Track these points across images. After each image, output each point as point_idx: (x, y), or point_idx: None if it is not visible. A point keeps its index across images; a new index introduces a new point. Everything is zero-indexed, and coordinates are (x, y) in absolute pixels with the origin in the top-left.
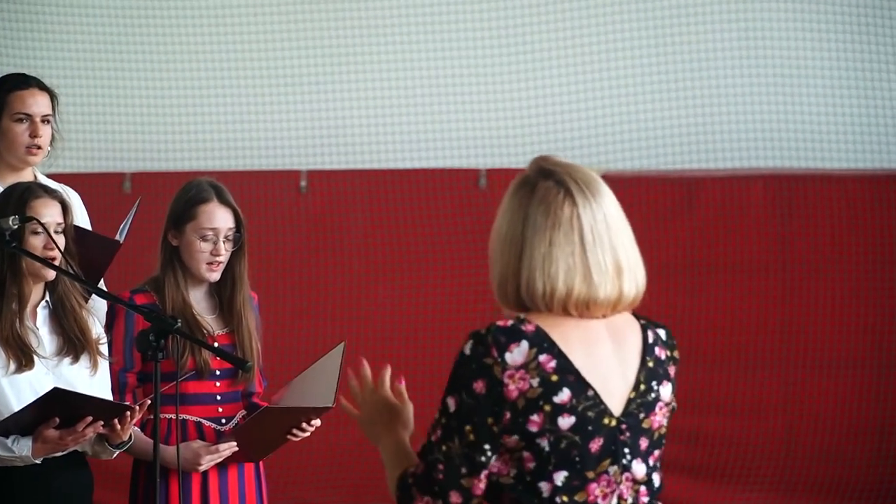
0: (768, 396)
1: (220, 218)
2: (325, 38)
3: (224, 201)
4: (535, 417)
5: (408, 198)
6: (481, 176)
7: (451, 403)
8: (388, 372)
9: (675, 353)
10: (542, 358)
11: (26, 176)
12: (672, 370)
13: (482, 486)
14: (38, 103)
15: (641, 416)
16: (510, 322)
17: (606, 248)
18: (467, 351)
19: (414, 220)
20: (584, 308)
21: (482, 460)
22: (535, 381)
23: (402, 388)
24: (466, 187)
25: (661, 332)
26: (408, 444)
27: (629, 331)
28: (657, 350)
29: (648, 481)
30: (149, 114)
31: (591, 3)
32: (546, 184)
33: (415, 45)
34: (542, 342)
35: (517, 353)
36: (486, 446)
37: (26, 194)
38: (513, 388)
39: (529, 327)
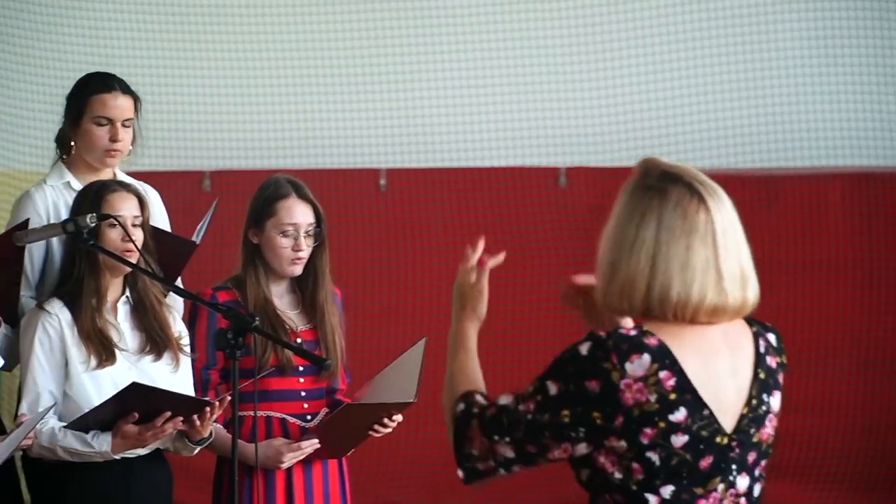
0: (848, 395)
1: (299, 213)
2: (405, 37)
3: (303, 197)
4: (648, 430)
5: (487, 196)
6: (561, 174)
7: (553, 388)
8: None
9: (784, 359)
10: (663, 374)
11: (105, 175)
12: (781, 377)
13: (557, 454)
14: (119, 107)
15: (752, 431)
16: (633, 332)
17: (734, 255)
18: (584, 351)
19: (493, 218)
20: (713, 315)
21: (570, 435)
22: (653, 398)
23: (483, 271)
24: (547, 186)
25: (772, 338)
26: (471, 341)
27: (743, 340)
28: (768, 359)
29: (749, 493)
30: (229, 112)
31: (666, 1)
32: (678, 188)
33: (494, 42)
34: (665, 358)
35: (638, 365)
36: (581, 429)
37: (102, 190)
38: (629, 396)
39: (653, 340)
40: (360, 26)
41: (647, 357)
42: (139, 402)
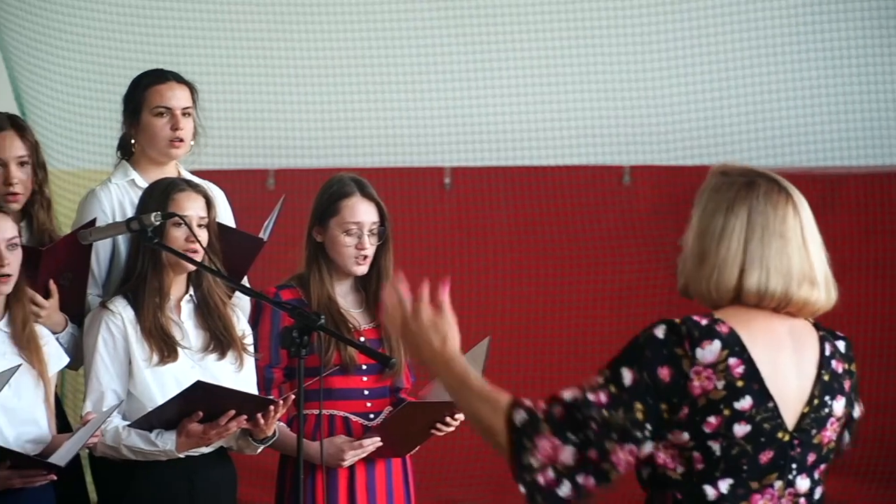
0: None
1: (363, 212)
2: (470, 35)
3: (367, 195)
4: (712, 419)
5: (551, 195)
6: (626, 173)
7: (628, 377)
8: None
9: (853, 367)
10: (732, 361)
11: (169, 171)
12: (848, 384)
13: (622, 457)
14: (176, 96)
15: (813, 431)
16: (705, 320)
17: (817, 252)
18: (660, 334)
19: (557, 216)
20: (802, 308)
21: (637, 436)
22: (721, 384)
23: (442, 300)
24: (610, 185)
25: (841, 345)
26: (470, 368)
27: (808, 339)
28: (834, 363)
29: (810, 494)
30: (293, 111)
31: (727, 1)
32: (764, 181)
33: (559, 41)
34: (735, 345)
35: (709, 352)
36: (648, 427)
37: (170, 188)
38: (697, 385)
39: (724, 328)
40: (426, 24)
41: (717, 343)
42: (203, 400)
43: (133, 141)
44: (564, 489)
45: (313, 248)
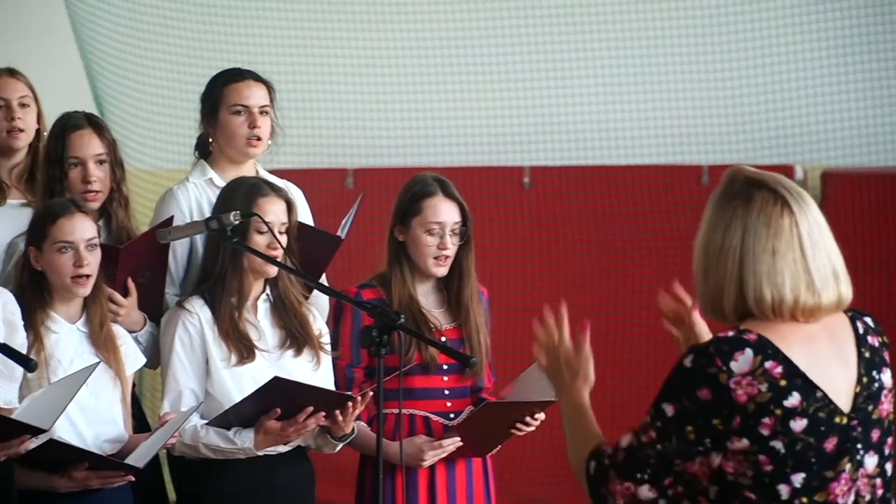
0: None
1: (445, 212)
2: (550, 35)
3: (449, 195)
4: (766, 420)
5: (629, 194)
6: (704, 172)
7: (669, 409)
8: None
9: (885, 338)
10: (768, 364)
11: (247, 170)
12: (886, 355)
13: (697, 468)
14: (254, 95)
15: (870, 408)
16: (731, 332)
17: (823, 254)
18: (688, 364)
19: (635, 216)
20: (810, 315)
21: (700, 450)
22: (764, 387)
23: (582, 340)
24: (689, 184)
25: (868, 320)
26: (588, 406)
27: (840, 324)
28: (870, 339)
29: (882, 472)
30: (372, 110)
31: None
32: (761, 194)
33: (637, 41)
34: (766, 349)
35: (742, 362)
36: (707, 440)
37: (253, 191)
38: (741, 393)
39: (751, 336)
40: (504, 24)
41: (749, 351)
42: (281, 397)
43: (211, 140)
44: None
45: (395, 247)
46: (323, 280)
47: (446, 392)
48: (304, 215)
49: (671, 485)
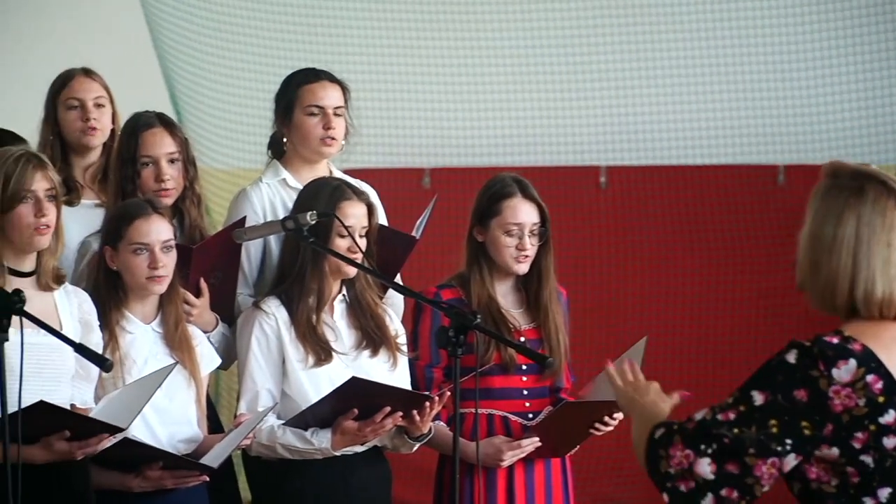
0: None
1: (524, 212)
2: (625, 34)
3: (529, 196)
4: (859, 435)
5: (706, 194)
6: (780, 172)
7: (760, 398)
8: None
9: None
10: (870, 378)
11: (321, 170)
12: None
13: (765, 470)
14: (329, 95)
15: None
16: (836, 339)
17: None
18: (791, 360)
19: (712, 216)
20: None
21: (777, 449)
22: (862, 402)
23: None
24: (765, 183)
25: None
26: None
27: None
28: None
29: None
30: (450, 109)
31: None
32: (872, 186)
33: (711, 40)
34: (870, 362)
35: (845, 371)
36: (788, 441)
37: (336, 193)
38: (837, 403)
39: (857, 346)
40: (583, 24)
41: (853, 362)
42: (358, 397)
43: (285, 140)
44: (707, 501)
45: (474, 247)
46: (398, 280)
47: (525, 392)
48: (379, 215)
49: (732, 478)
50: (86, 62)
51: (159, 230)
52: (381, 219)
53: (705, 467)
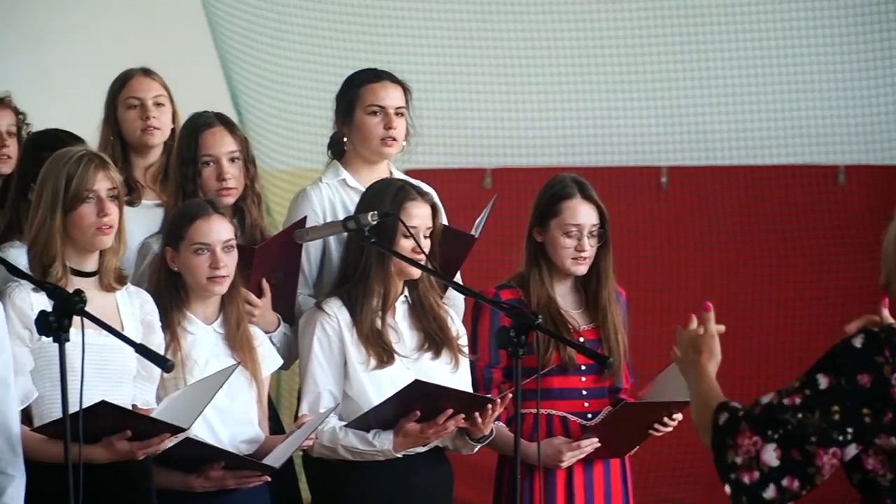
0: None
1: (583, 214)
2: (686, 35)
3: (588, 197)
4: None
5: (766, 194)
6: (841, 172)
7: (824, 382)
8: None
9: None
10: None
11: (381, 171)
12: None
13: (826, 460)
14: (390, 96)
15: None
16: None
17: None
18: (857, 344)
19: (772, 216)
20: None
21: (838, 439)
22: None
23: (707, 316)
24: (826, 184)
25: None
26: (715, 383)
27: None
28: None
29: None
30: (510, 110)
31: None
32: None
33: (772, 41)
34: None
35: None
36: (849, 429)
37: (401, 194)
38: None
39: None
40: (643, 24)
41: None
42: (421, 400)
43: (345, 140)
44: (769, 491)
45: (533, 248)
46: (457, 278)
47: (584, 392)
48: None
49: (794, 465)
50: (146, 62)
51: (220, 230)
52: (443, 220)
53: (771, 454)
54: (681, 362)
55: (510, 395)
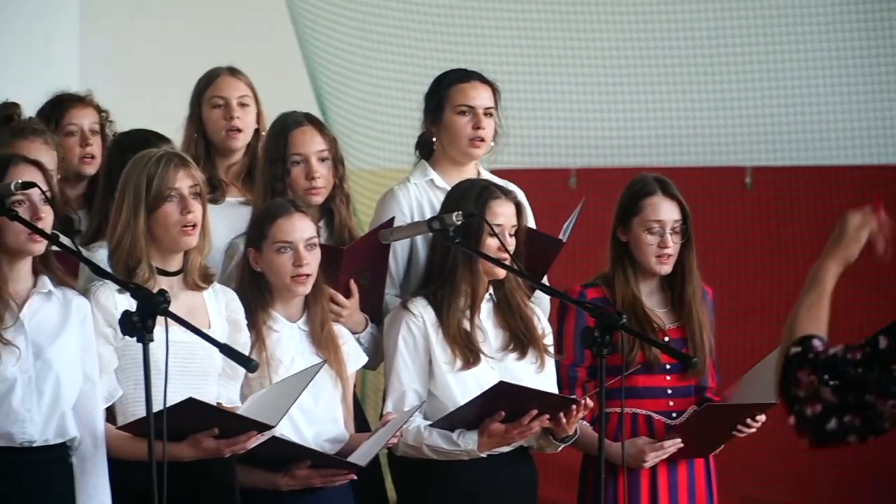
0: None
1: (665, 210)
2: (770, 35)
3: (669, 194)
4: None
5: (852, 195)
6: None
7: (883, 342)
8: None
9: None
10: None
11: (469, 171)
12: None
13: (887, 408)
14: (480, 96)
15: None
16: None
17: None
18: None
19: None
20: None
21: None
22: None
23: (872, 215)
24: None
25: None
26: (829, 292)
27: None
28: None
29: None
30: (594, 110)
31: None
32: None
33: (856, 41)
34: None
35: None
36: None
37: (485, 194)
38: None
39: None
40: (727, 24)
41: None
42: (506, 400)
43: (433, 140)
44: (831, 423)
45: (618, 247)
46: (545, 280)
47: (669, 391)
48: (527, 215)
49: (852, 407)
50: (231, 62)
51: (303, 228)
52: (530, 219)
53: (828, 393)
54: (837, 235)
55: (591, 402)
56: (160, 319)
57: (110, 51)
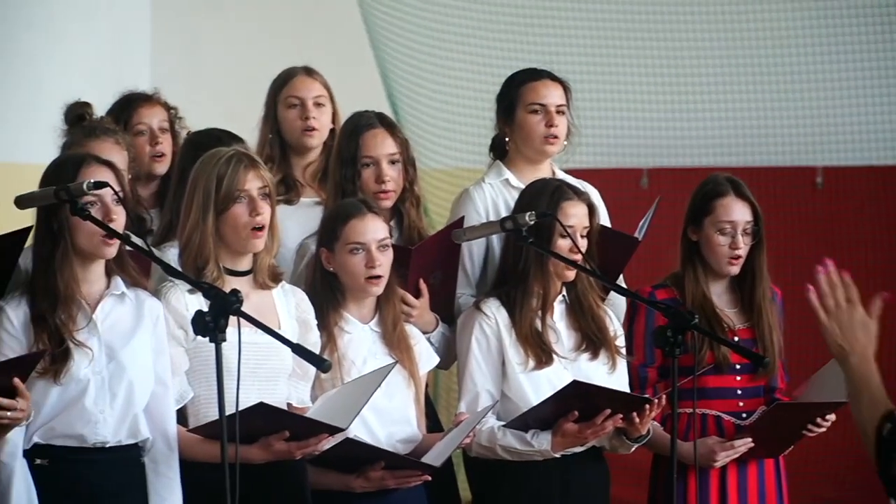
0: None
1: (737, 211)
2: (840, 35)
3: (741, 195)
4: None
5: None
6: None
7: None
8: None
9: None
10: None
11: (544, 170)
12: None
13: None
14: (551, 94)
15: None
16: None
17: None
18: None
19: None
20: None
21: None
22: None
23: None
24: None
25: None
26: (876, 370)
27: None
28: None
29: None
30: (666, 110)
31: None
32: None
33: None
34: None
35: None
36: None
37: (557, 194)
38: None
39: None
40: (797, 24)
41: None
42: (579, 400)
43: (507, 140)
44: None
45: (688, 247)
46: (619, 281)
47: (739, 392)
48: (601, 215)
49: None
50: (303, 60)
51: (375, 229)
52: (604, 219)
53: None
54: (842, 344)
55: (665, 397)
56: (232, 320)
57: (182, 49)
